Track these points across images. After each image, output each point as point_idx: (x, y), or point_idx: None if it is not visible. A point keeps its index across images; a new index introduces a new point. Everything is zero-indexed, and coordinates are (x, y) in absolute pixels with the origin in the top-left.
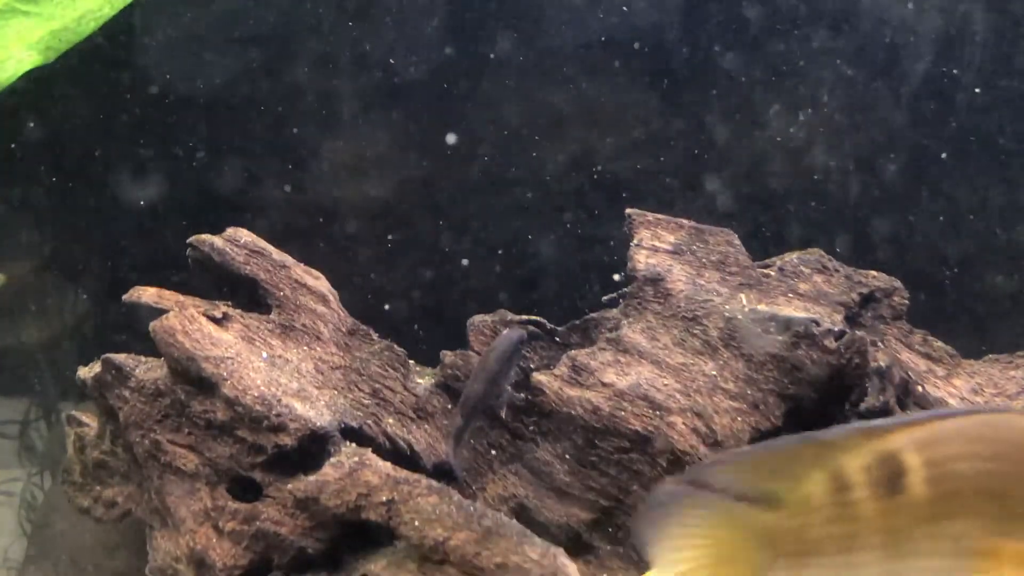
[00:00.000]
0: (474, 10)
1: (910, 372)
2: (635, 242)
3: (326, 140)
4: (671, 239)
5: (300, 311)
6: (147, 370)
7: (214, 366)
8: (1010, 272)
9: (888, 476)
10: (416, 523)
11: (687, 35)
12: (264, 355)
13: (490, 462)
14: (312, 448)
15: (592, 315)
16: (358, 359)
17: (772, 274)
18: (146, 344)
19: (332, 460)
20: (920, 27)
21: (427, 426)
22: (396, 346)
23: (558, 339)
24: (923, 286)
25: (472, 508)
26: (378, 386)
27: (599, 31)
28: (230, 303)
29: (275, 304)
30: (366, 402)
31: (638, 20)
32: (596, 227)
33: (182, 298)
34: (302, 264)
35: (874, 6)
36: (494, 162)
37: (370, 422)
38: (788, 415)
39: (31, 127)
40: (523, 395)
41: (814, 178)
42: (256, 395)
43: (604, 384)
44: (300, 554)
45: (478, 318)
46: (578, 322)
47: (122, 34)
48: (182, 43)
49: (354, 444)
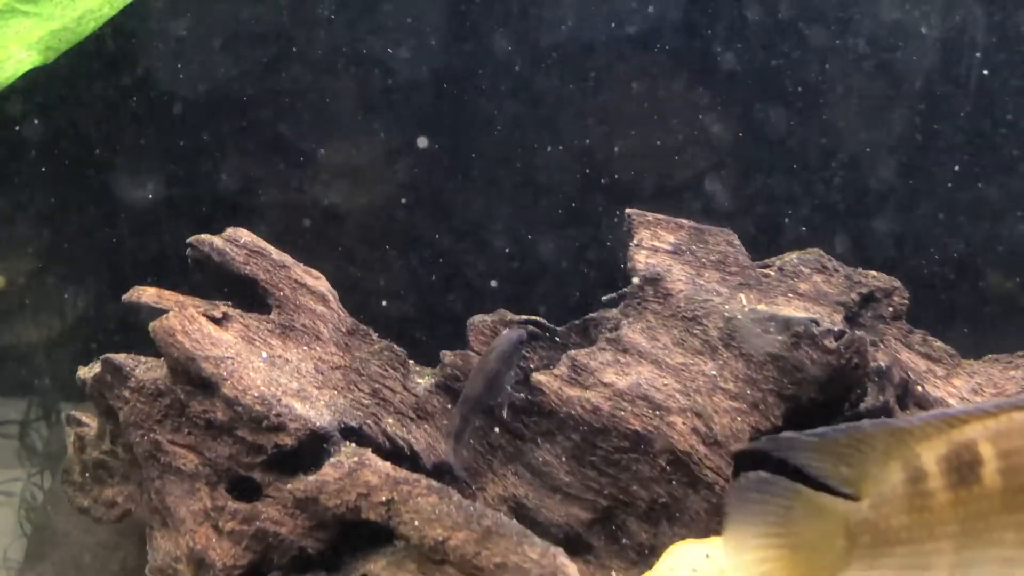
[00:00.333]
0: (474, 9)
1: (910, 372)
2: (635, 242)
3: (326, 140)
4: (671, 239)
5: (300, 311)
6: (147, 370)
7: (214, 366)
8: (1010, 272)
9: (963, 466)
10: (416, 523)
11: (687, 33)
12: (264, 355)
13: (490, 462)
14: (312, 448)
15: (592, 315)
16: (358, 359)
17: (772, 274)
18: (146, 344)
19: (332, 460)
20: (921, 27)
21: (427, 426)
22: (396, 346)
23: (558, 339)
24: (923, 286)
25: (472, 508)
26: (378, 386)
27: (600, 31)
28: (230, 303)
29: (275, 304)
30: (366, 402)
31: (640, 18)
32: (597, 227)
33: (182, 298)
34: (302, 264)
35: (873, 6)
36: (494, 162)
37: (370, 422)
38: (788, 415)
39: (31, 127)
40: (523, 395)
41: (814, 178)
42: (256, 395)
43: (604, 384)
44: (300, 554)
45: (478, 318)
46: (578, 322)
47: (122, 34)
48: (182, 43)
49: (354, 444)
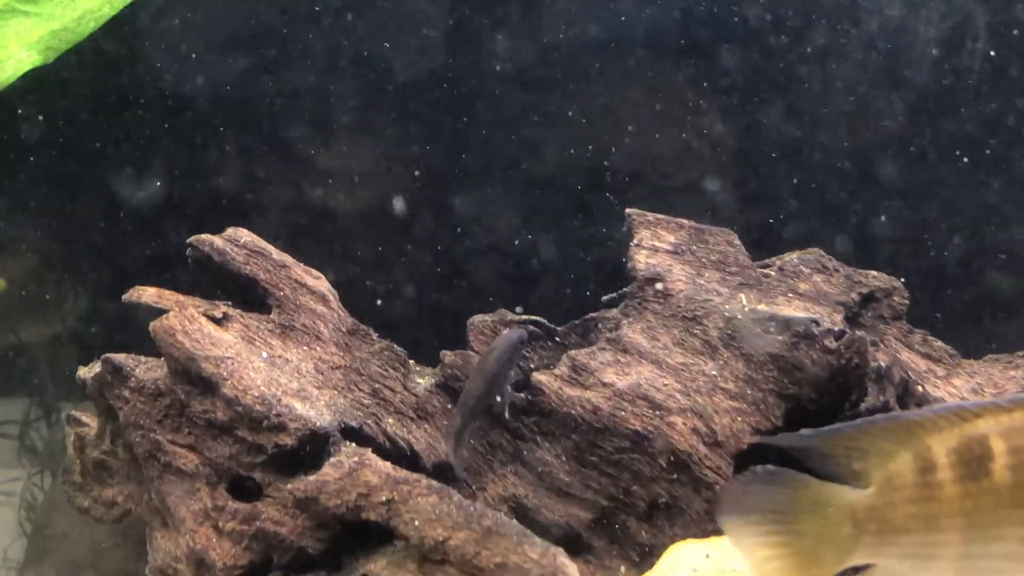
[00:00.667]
0: (474, 8)
1: (910, 372)
2: (635, 242)
3: (327, 140)
4: (671, 239)
5: (300, 311)
6: (147, 370)
7: (214, 366)
8: (1010, 272)
9: (973, 460)
10: (416, 523)
11: (687, 33)
12: (264, 355)
13: (490, 462)
14: (312, 448)
15: (592, 315)
16: (358, 359)
17: (772, 274)
18: (146, 344)
19: (332, 460)
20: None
21: (427, 426)
22: (396, 346)
23: (558, 339)
24: (923, 286)
25: (472, 508)
26: (378, 386)
27: (602, 30)
28: (230, 303)
29: (275, 304)
30: (366, 402)
31: (641, 19)
32: (598, 227)
33: (182, 298)
34: (302, 264)
35: (871, 6)
36: (494, 161)
37: (370, 422)
38: (788, 415)
39: (31, 127)
40: (523, 395)
41: (814, 177)
42: (256, 395)
43: (604, 384)
44: (300, 554)
45: (478, 318)
46: (578, 322)
47: (122, 34)
48: (182, 43)
49: (354, 444)
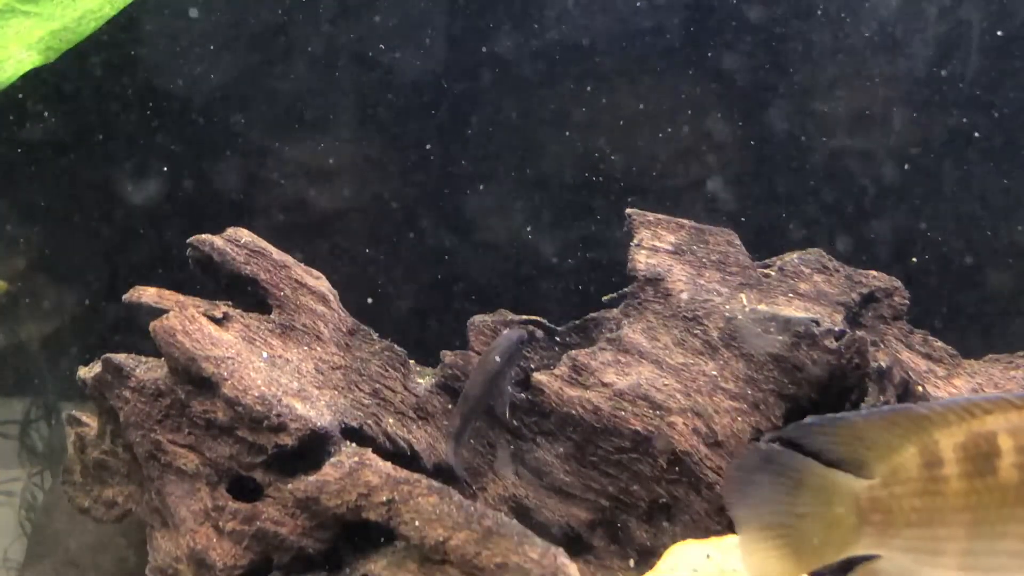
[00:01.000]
0: (474, 8)
1: (910, 372)
2: (635, 242)
3: (326, 139)
4: (671, 239)
5: (300, 311)
6: (147, 370)
7: (214, 366)
8: (1010, 272)
9: (980, 456)
10: (416, 523)
11: (687, 33)
12: (264, 355)
13: (490, 462)
14: (312, 448)
15: (592, 315)
16: (358, 359)
17: (772, 274)
18: (146, 344)
19: (332, 460)
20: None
21: (427, 426)
22: (396, 346)
23: (558, 339)
24: (923, 286)
25: (472, 508)
26: (378, 386)
27: (601, 29)
28: (230, 303)
29: (275, 304)
30: (366, 402)
31: (641, 19)
32: (597, 227)
33: (182, 298)
34: (302, 264)
35: (875, 4)
36: (495, 161)
37: (370, 422)
38: (788, 415)
39: (30, 127)
40: (523, 395)
41: (814, 176)
42: (256, 395)
43: (604, 384)
44: (300, 554)
45: (478, 318)
46: (578, 322)
47: (122, 34)
48: (182, 43)
49: (354, 444)
